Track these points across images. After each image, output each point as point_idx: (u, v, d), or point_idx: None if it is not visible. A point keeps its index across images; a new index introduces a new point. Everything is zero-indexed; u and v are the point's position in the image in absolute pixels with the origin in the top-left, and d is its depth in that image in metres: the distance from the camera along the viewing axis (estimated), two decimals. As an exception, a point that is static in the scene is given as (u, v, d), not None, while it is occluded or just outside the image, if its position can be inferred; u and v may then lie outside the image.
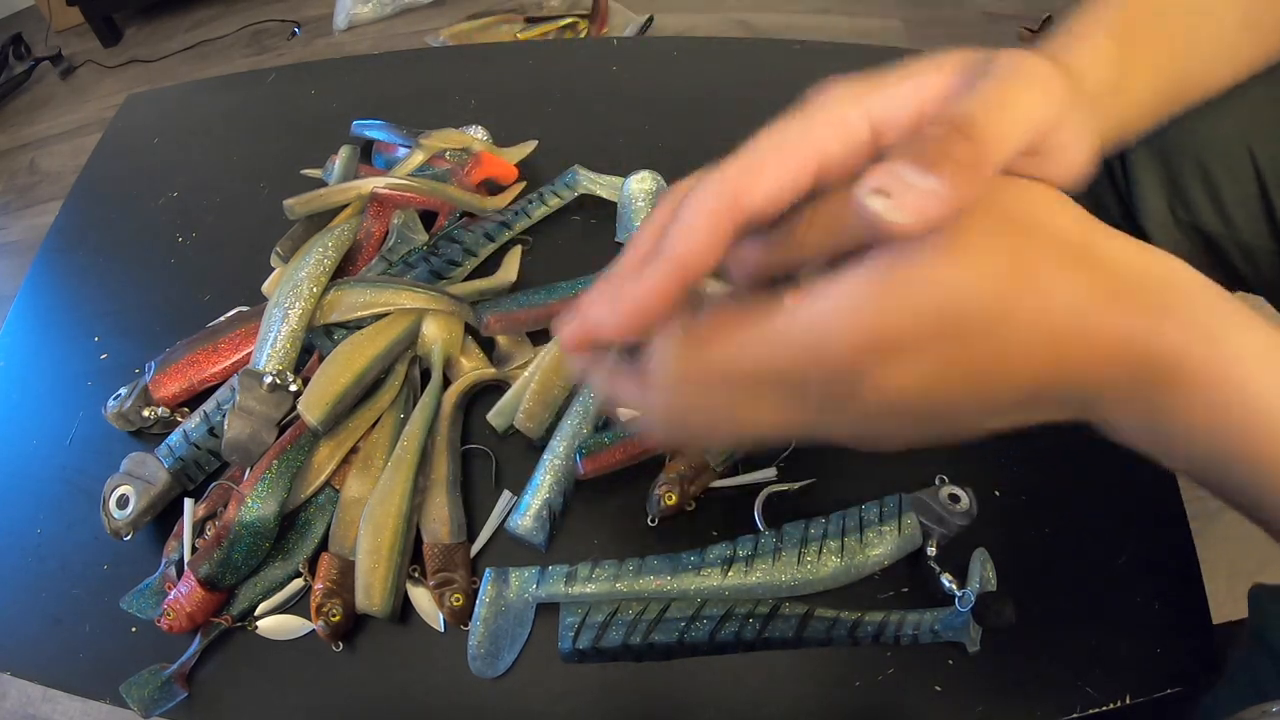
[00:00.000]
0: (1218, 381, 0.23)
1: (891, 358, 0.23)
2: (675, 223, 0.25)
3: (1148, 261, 0.24)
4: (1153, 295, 0.24)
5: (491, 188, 0.66)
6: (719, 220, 0.24)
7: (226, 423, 0.50)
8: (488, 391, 0.56)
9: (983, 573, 0.45)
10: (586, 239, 0.64)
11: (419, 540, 0.49)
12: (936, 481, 0.48)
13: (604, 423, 0.52)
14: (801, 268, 0.26)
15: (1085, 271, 0.23)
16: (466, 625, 0.47)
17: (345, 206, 0.63)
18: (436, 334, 0.55)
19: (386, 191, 0.62)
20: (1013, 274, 0.23)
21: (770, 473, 0.50)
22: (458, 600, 0.47)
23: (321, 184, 0.68)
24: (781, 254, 0.26)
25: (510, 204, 0.64)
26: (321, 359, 0.53)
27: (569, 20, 1.70)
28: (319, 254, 0.56)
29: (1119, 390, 0.24)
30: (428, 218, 0.64)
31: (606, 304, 0.26)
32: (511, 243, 0.63)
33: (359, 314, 0.55)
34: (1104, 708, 0.42)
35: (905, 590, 0.46)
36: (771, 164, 0.24)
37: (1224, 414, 0.24)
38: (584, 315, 0.26)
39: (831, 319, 0.23)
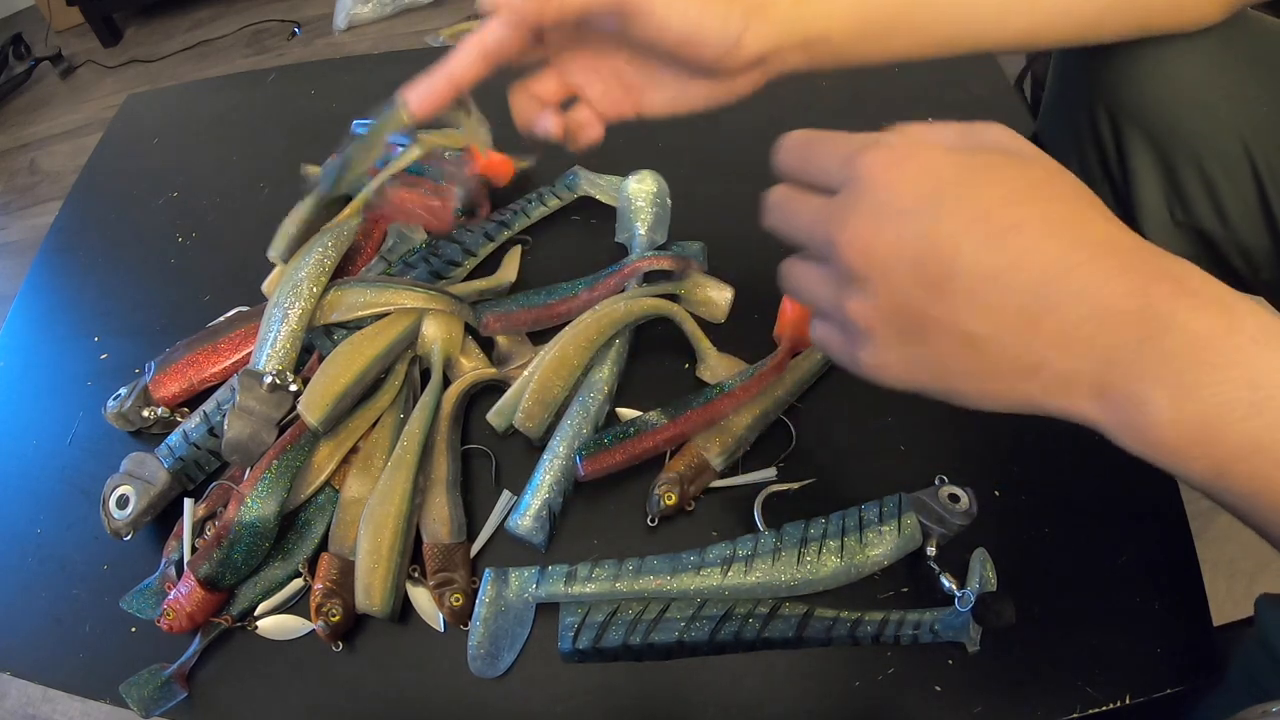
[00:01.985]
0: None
1: None
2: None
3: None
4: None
5: (491, 190, 0.66)
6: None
7: (226, 423, 0.50)
8: (488, 391, 0.56)
9: (983, 573, 0.45)
10: (586, 239, 0.64)
11: (419, 540, 0.49)
12: (936, 481, 0.48)
13: (604, 423, 0.52)
14: None
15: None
16: (466, 625, 0.47)
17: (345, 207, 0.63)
18: (436, 334, 0.55)
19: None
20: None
21: (770, 473, 0.50)
22: (458, 600, 0.47)
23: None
24: None
25: (510, 204, 0.64)
26: (321, 359, 0.53)
27: (569, 20, 1.70)
28: (319, 254, 0.56)
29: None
30: (427, 218, 0.64)
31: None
32: (511, 243, 0.63)
33: (359, 314, 0.55)
34: (1104, 708, 0.42)
35: (905, 590, 0.46)
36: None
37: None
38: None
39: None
